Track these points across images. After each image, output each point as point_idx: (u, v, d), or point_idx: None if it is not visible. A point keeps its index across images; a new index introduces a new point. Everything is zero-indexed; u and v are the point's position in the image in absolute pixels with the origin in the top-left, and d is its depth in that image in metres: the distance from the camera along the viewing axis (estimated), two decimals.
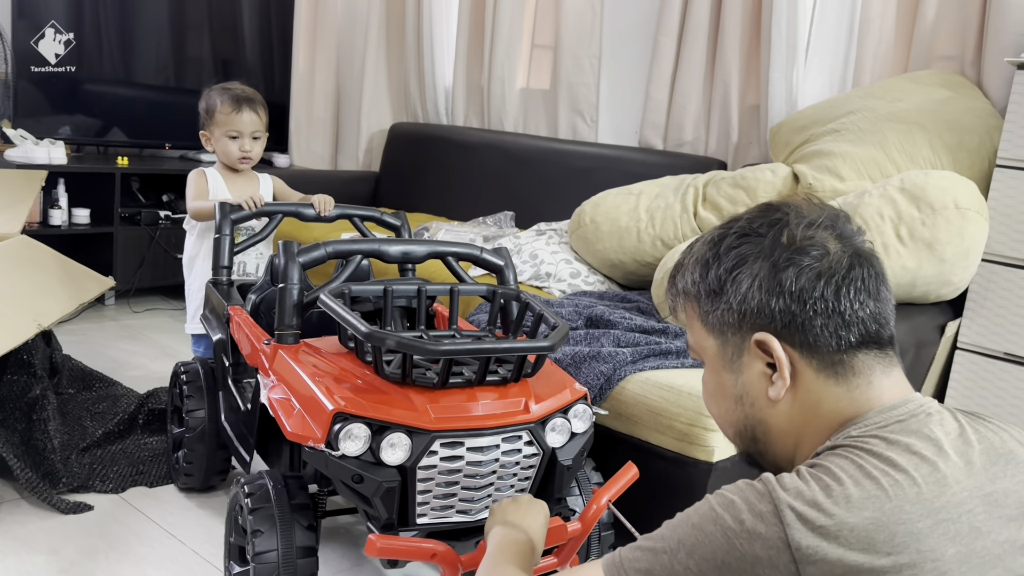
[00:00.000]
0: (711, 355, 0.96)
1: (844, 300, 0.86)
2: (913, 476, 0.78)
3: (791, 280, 0.86)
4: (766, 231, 0.90)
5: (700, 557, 0.79)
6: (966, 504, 0.78)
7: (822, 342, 0.87)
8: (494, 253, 1.76)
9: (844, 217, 0.93)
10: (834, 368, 0.88)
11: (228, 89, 2.26)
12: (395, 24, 4.04)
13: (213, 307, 2.06)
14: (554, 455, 1.49)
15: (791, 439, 0.91)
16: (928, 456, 0.80)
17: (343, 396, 1.41)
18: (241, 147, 2.24)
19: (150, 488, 2.12)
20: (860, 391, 0.88)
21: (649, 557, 0.82)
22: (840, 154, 2.37)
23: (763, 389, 0.91)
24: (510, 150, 3.46)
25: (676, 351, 1.96)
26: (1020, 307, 2.16)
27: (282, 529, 1.45)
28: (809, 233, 0.88)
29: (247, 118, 2.23)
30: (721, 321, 0.92)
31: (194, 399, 2.00)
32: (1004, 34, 2.40)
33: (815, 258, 0.87)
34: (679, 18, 3.04)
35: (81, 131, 3.64)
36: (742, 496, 0.79)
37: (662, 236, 2.55)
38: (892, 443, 0.80)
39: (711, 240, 0.94)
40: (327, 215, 2.19)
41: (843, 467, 0.79)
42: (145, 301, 3.75)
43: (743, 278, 0.89)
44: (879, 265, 0.91)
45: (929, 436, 0.82)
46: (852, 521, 0.75)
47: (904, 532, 0.75)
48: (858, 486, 0.77)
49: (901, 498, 0.76)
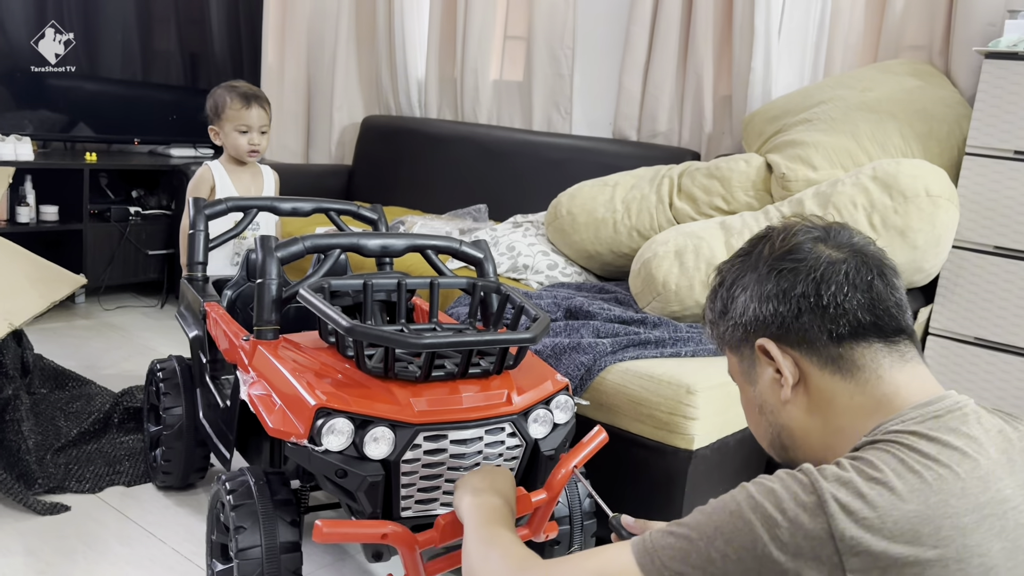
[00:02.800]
0: (736, 373, 1.01)
1: (825, 294, 0.89)
2: (956, 471, 0.78)
3: (773, 284, 0.92)
4: (754, 248, 0.97)
5: (739, 546, 0.77)
6: (1011, 501, 0.78)
7: (813, 336, 0.90)
8: (473, 246, 1.76)
9: (840, 226, 0.96)
10: (835, 363, 0.90)
11: (235, 87, 2.40)
12: (366, 15, 4.01)
13: (188, 303, 2.03)
14: (537, 446, 1.50)
15: (816, 440, 0.92)
16: (969, 453, 0.79)
17: (325, 391, 1.40)
18: (250, 140, 2.38)
19: (128, 487, 2.10)
20: (872, 385, 0.89)
21: (683, 544, 0.81)
22: (812, 143, 2.40)
23: (777, 394, 0.94)
24: (484, 142, 3.46)
25: (655, 341, 1.97)
26: (990, 292, 2.20)
27: (265, 525, 1.44)
28: (790, 240, 0.93)
29: (255, 113, 2.37)
30: (732, 338, 0.98)
31: (171, 396, 1.98)
32: (971, 24, 2.44)
33: (796, 260, 0.91)
34: (651, 9, 3.05)
35: (47, 127, 3.58)
36: (783, 485, 0.79)
37: (638, 227, 2.56)
38: (932, 439, 0.80)
39: (718, 269, 1.02)
40: (303, 209, 2.18)
41: (885, 460, 0.78)
42: (116, 298, 3.70)
43: (738, 294, 0.96)
44: (881, 263, 0.92)
45: (968, 433, 0.82)
46: (896, 514, 0.75)
47: (950, 526, 0.74)
48: (901, 479, 0.77)
49: (946, 492, 0.76)
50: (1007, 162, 2.14)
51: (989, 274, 2.19)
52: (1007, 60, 2.12)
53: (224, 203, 2.08)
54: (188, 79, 3.95)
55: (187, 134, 3.94)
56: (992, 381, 2.21)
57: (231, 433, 1.70)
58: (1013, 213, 2.14)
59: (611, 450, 1.87)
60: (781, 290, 0.91)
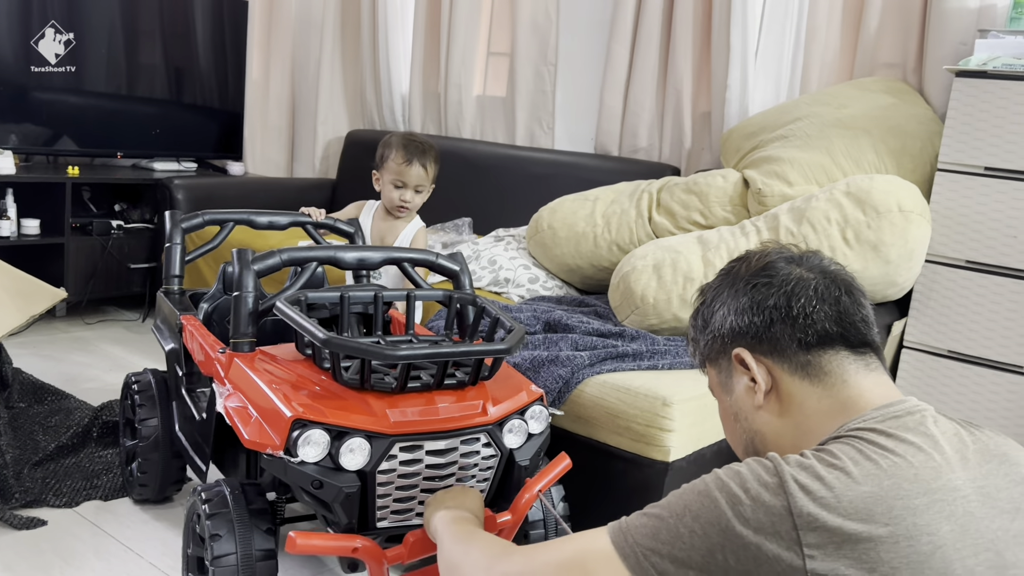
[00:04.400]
0: (714, 386, 1.07)
1: (796, 305, 0.96)
2: (910, 461, 0.83)
3: (748, 297, 0.99)
4: (731, 268, 1.05)
5: (705, 521, 0.82)
6: (961, 490, 0.83)
7: (784, 345, 0.96)
8: (449, 259, 1.78)
9: (812, 253, 1.03)
10: (804, 369, 0.96)
11: (407, 142, 2.33)
12: (350, 30, 4.03)
13: (164, 316, 2.04)
14: (512, 456, 1.52)
15: (787, 443, 0.97)
16: (924, 448, 0.85)
17: (301, 403, 1.41)
18: (402, 197, 2.32)
19: (105, 501, 2.09)
20: (838, 389, 0.94)
21: (655, 523, 0.85)
22: (788, 159, 2.44)
23: (750, 401, 1.00)
24: (467, 157, 3.48)
25: (632, 354, 1.99)
26: (962, 306, 2.23)
27: (240, 532, 1.44)
28: (766, 261, 1.01)
29: (415, 172, 2.30)
30: (711, 350, 1.04)
31: (146, 408, 1.98)
32: (943, 43, 2.49)
33: (768, 276, 0.99)
34: (631, 27, 3.09)
35: (30, 140, 3.57)
36: (749, 468, 0.84)
37: (618, 241, 2.59)
38: (889, 435, 0.85)
39: (700, 290, 1.09)
40: (280, 222, 2.18)
41: (844, 451, 0.84)
42: (98, 312, 3.69)
43: (717, 308, 1.03)
44: (849, 283, 0.99)
45: (925, 432, 0.87)
46: (851, 494, 0.79)
47: (901, 506, 0.79)
48: (858, 465, 0.82)
49: (899, 477, 0.81)
50: (978, 178, 2.18)
51: (961, 288, 2.23)
52: (977, 78, 2.16)
53: (200, 216, 2.09)
54: (172, 93, 3.96)
55: (170, 148, 3.95)
56: (965, 394, 2.24)
57: (207, 445, 1.70)
58: (984, 228, 2.18)
59: (588, 462, 1.88)
60: (755, 302, 0.98)
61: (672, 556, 0.82)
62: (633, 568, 0.84)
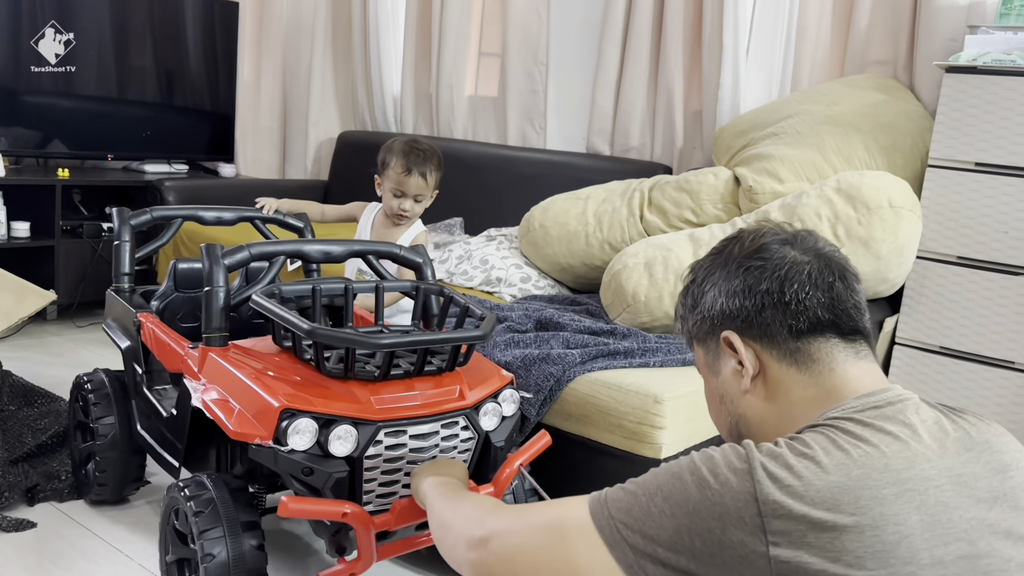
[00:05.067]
0: (701, 365, 1.06)
1: (788, 291, 0.95)
2: (883, 451, 0.82)
3: (740, 280, 0.98)
4: (724, 247, 1.03)
5: (674, 503, 0.83)
6: (934, 480, 0.82)
7: (775, 331, 0.95)
8: (411, 251, 1.82)
9: (807, 232, 1.02)
10: (792, 356, 0.95)
11: (409, 150, 2.27)
12: (341, 32, 4.03)
13: (117, 315, 2.03)
14: (488, 438, 1.59)
15: (771, 428, 0.97)
16: (901, 436, 0.84)
17: (287, 393, 1.44)
18: (401, 206, 2.28)
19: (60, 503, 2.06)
20: (824, 377, 0.94)
21: (630, 499, 0.87)
22: (779, 157, 2.43)
23: (737, 385, 1.00)
24: (460, 157, 3.47)
25: (624, 351, 1.99)
26: (953, 302, 2.24)
27: (229, 526, 1.46)
28: (758, 242, 0.99)
29: (414, 182, 2.25)
30: (700, 331, 1.04)
31: (101, 407, 1.96)
32: (933, 39, 2.49)
33: (762, 259, 0.97)
34: (623, 25, 3.09)
35: (20, 143, 3.56)
36: (721, 453, 0.85)
37: (610, 240, 2.59)
38: (866, 425, 0.85)
39: (690, 267, 1.07)
40: (227, 218, 2.16)
41: (816, 440, 0.84)
42: (89, 315, 3.67)
43: (708, 288, 1.02)
44: (843, 268, 0.98)
45: (904, 421, 0.86)
46: (819, 483, 0.79)
47: (869, 496, 0.79)
48: (828, 455, 0.82)
49: (868, 467, 0.81)
50: (968, 173, 2.18)
51: (953, 284, 2.23)
52: (967, 74, 2.17)
53: (149, 212, 2.08)
54: (163, 95, 3.95)
55: (161, 150, 3.93)
56: (957, 390, 2.24)
57: (180, 442, 1.71)
58: (974, 224, 2.18)
59: (580, 460, 1.88)
60: (747, 286, 0.97)
61: (642, 532, 0.84)
62: (606, 538, 0.86)
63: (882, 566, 0.77)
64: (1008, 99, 2.11)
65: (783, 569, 0.77)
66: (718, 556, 0.80)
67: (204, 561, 1.44)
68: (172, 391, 1.89)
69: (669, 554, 0.82)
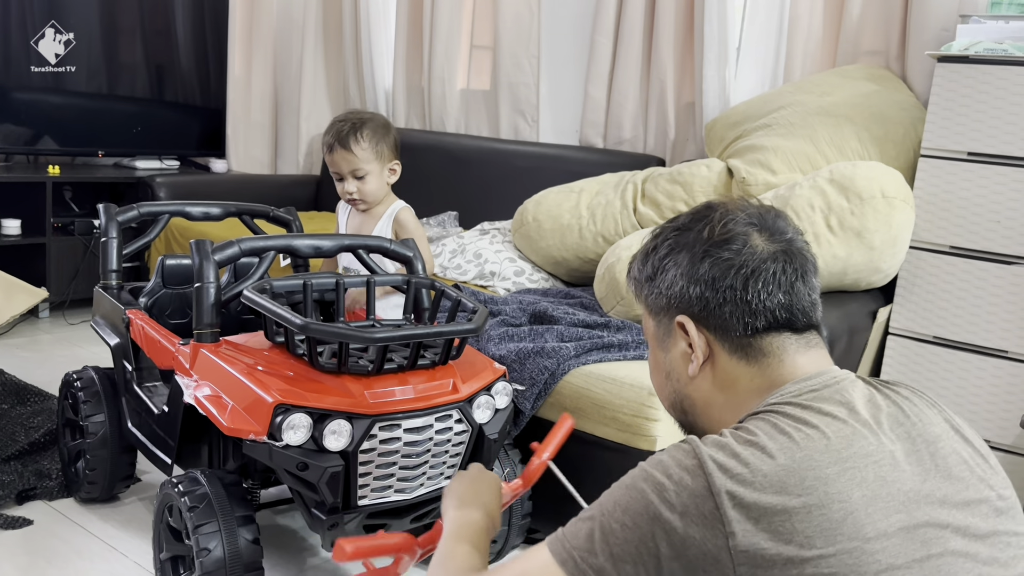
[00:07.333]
0: (650, 334, 1.07)
1: (751, 290, 0.95)
2: (824, 431, 0.85)
3: (706, 270, 0.97)
4: (693, 226, 1.00)
5: (635, 512, 0.84)
6: (872, 456, 0.85)
7: (731, 327, 0.96)
8: (402, 244, 1.81)
9: (775, 214, 1.01)
10: (744, 351, 0.97)
11: (330, 125, 2.05)
12: (332, 25, 4.01)
13: (106, 312, 2.02)
14: (481, 430, 1.58)
15: (716, 413, 0.99)
16: (839, 416, 0.87)
17: (280, 388, 1.43)
18: (345, 189, 2.02)
19: (50, 502, 2.05)
20: (773, 368, 0.96)
21: (588, 526, 0.87)
22: (772, 148, 2.43)
23: (684, 367, 1.01)
24: (452, 151, 3.47)
25: (618, 344, 1.99)
26: (947, 292, 2.24)
27: (224, 521, 1.46)
28: (728, 228, 0.98)
29: (338, 158, 2.00)
30: (655, 304, 1.03)
31: (91, 404, 1.96)
32: (925, 29, 2.49)
33: (732, 251, 0.96)
34: (615, 17, 3.08)
35: (10, 140, 3.54)
36: (669, 454, 0.86)
37: (603, 232, 2.58)
38: (806, 407, 0.88)
39: (654, 233, 1.05)
40: (214, 213, 2.13)
41: (759, 427, 0.87)
42: (81, 313, 3.66)
43: (670, 266, 1.00)
44: (805, 262, 0.98)
45: (841, 401, 0.89)
46: (766, 468, 0.82)
47: (813, 477, 0.82)
48: (772, 440, 0.84)
49: (811, 448, 0.83)
50: (960, 163, 2.18)
51: (946, 274, 2.23)
52: (959, 64, 2.16)
53: (136, 208, 2.07)
54: (154, 91, 3.93)
55: (152, 146, 3.92)
56: (951, 379, 2.24)
57: (172, 439, 1.70)
58: (967, 213, 2.18)
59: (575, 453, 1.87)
60: (712, 277, 0.96)
61: (608, 553, 0.84)
62: (572, 572, 0.86)
63: (830, 543, 0.79)
64: (1000, 88, 2.11)
65: (743, 559, 0.79)
66: (683, 556, 0.81)
67: (200, 556, 1.44)
68: (163, 388, 1.88)
69: (639, 569, 0.83)
